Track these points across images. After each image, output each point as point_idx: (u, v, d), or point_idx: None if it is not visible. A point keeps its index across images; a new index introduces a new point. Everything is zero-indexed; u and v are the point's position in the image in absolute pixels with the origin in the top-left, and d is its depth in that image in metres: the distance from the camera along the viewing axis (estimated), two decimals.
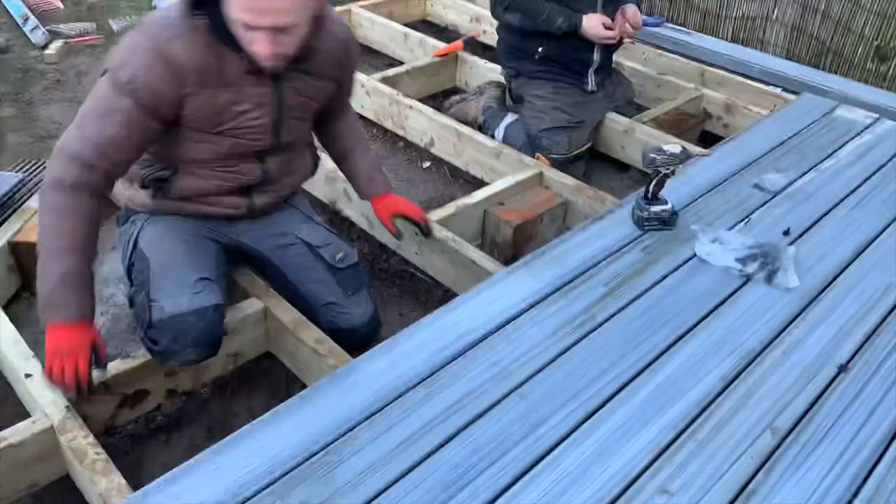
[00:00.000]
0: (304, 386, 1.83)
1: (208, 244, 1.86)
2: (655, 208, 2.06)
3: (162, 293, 1.68)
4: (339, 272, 1.95)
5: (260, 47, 1.54)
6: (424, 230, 2.15)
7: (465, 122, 3.01)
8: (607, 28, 2.72)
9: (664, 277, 1.91)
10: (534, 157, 2.77)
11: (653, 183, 2.03)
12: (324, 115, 1.98)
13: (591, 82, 2.86)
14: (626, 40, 2.97)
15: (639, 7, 2.86)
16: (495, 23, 3.84)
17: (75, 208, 1.58)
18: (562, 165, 2.72)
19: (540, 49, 2.80)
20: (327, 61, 1.80)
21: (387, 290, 2.35)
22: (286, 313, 1.93)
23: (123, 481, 1.49)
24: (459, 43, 3.54)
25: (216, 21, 1.55)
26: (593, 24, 2.70)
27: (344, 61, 1.88)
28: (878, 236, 2.09)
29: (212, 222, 1.89)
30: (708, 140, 3.11)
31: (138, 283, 1.75)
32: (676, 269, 1.94)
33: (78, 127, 1.60)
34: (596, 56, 2.80)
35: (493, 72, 3.31)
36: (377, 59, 3.86)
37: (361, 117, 3.25)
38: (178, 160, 1.76)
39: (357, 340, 1.90)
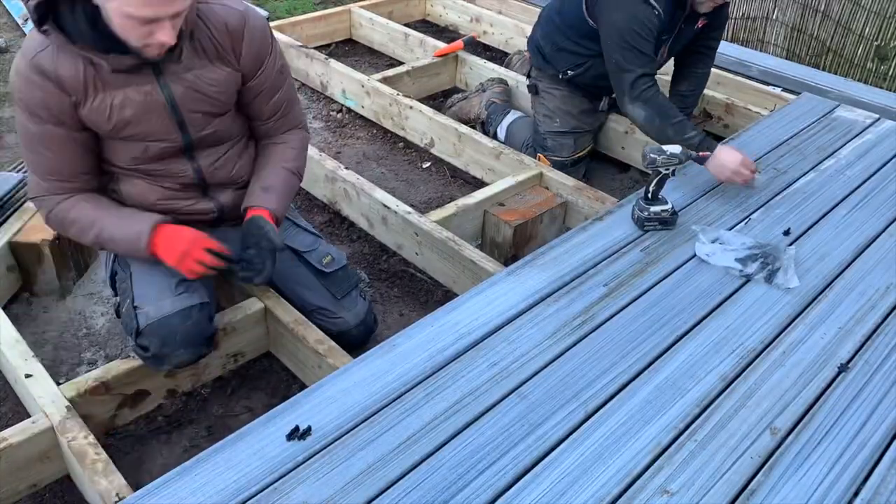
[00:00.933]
0: (303, 386, 1.83)
1: None
2: (655, 208, 2.06)
3: (146, 299, 1.68)
4: (327, 276, 1.94)
5: (163, 36, 1.48)
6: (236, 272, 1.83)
7: (467, 120, 3.01)
8: (748, 169, 2.17)
9: (664, 278, 1.91)
10: (535, 156, 2.77)
11: (653, 183, 2.03)
12: (252, 118, 1.86)
13: (603, 104, 2.84)
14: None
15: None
16: (495, 23, 3.88)
17: (84, 205, 1.67)
18: (563, 168, 2.72)
19: (569, 72, 2.68)
20: (213, 46, 1.67)
21: (387, 290, 2.35)
22: (286, 313, 1.93)
23: (123, 481, 1.49)
24: (460, 43, 3.54)
25: (69, 29, 1.50)
26: (730, 159, 2.15)
27: (239, 47, 1.71)
28: (878, 236, 2.10)
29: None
30: None
31: (122, 292, 1.76)
32: (676, 269, 1.94)
33: (28, 165, 1.67)
34: (603, 104, 2.78)
35: (493, 72, 3.31)
36: (377, 59, 3.87)
37: (361, 117, 3.26)
38: (112, 167, 1.75)
39: (352, 341, 1.90)
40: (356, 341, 1.92)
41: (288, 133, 1.92)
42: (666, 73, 2.80)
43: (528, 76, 2.91)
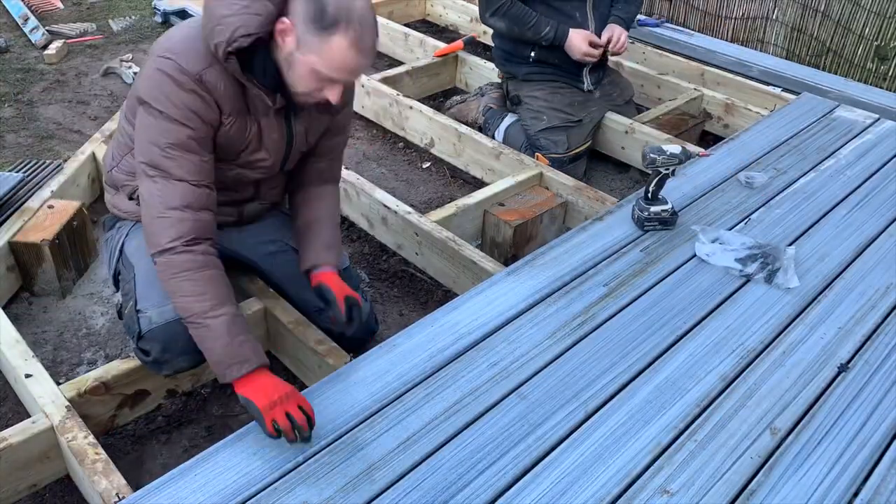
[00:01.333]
0: (304, 386, 1.83)
1: None
2: (655, 208, 2.06)
3: (149, 302, 1.66)
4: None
5: (332, 95, 1.52)
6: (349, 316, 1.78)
7: (466, 123, 3.01)
8: (593, 45, 2.69)
9: (664, 278, 1.91)
10: (534, 157, 2.77)
11: (653, 183, 2.03)
12: (310, 154, 1.86)
13: (587, 82, 2.86)
14: (610, 57, 2.95)
15: (635, 14, 2.85)
16: None
17: (206, 263, 1.52)
18: (561, 165, 2.72)
19: (532, 53, 2.80)
20: None
21: (387, 290, 2.35)
22: (286, 313, 1.93)
23: (123, 481, 1.49)
24: (460, 43, 3.54)
25: (255, 64, 1.53)
26: (577, 41, 2.68)
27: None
28: (878, 236, 2.10)
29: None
30: (708, 140, 3.12)
31: (125, 293, 1.74)
32: (676, 269, 1.94)
33: (153, 178, 1.53)
34: (588, 82, 2.81)
35: (493, 72, 3.31)
36: (377, 59, 3.86)
37: (361, 117, 3.26)
38: None
39: (353, 343, 1.89)
40: (357, 343, 1.92)
41: (328, 186, 1.90)
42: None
43: (507, 92, 2.98)
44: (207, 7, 1.51)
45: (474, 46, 3.78)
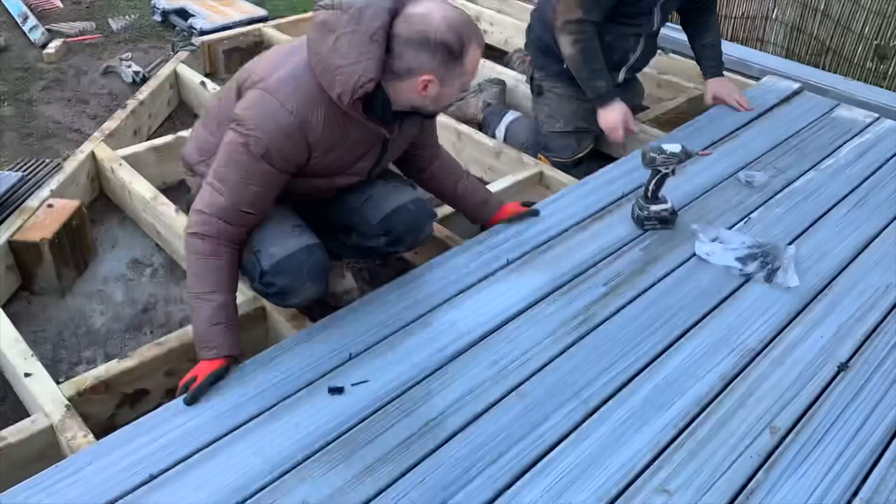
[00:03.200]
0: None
1: (288, 209, 1.86)
2: (655, 208, 2.06)
3: (266, 242, 1.71)
4: (387, 174, 1.97)
5: (473, 77, 1.66)
6: (535, 213, 2.16)
7: (464, 120, 3.01)
8: (626, 129, 2.56)
9: (664, 277, 1.91)
10: (536, 156, 2.76)
11: (652, 182, 2.03)
12: (413, 157, 1.99)
13: (620, 76, 2.81)
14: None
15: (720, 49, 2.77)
16: (495, 22, 3.87)
17: (216, 255, 1.64)
18: (563, 168, 2.71)
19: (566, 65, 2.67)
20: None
21: None
22: (286, 312, 1.92)
23: None
24: None
25: (373, 105, 1.60)
26: (613, 117, 2.54)
27: None
28: (877, 235, 2.10)
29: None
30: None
31: (245, 249, 1.76)
32: (676, 268, 1.94)
33: (217, 190, 1.63)
34: (621, 76, 2.76)
35: (493, 71, 3.30)
36: None
37: None
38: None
39: (408, 223, 1.87)
40: (411, 225, 1.88)
41: (441, 160, 2.05)
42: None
43: (531, 79, 2.88)
44: (319, 56, 1.56)
45: None
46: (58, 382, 1.69)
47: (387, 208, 1.85)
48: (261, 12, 4.02)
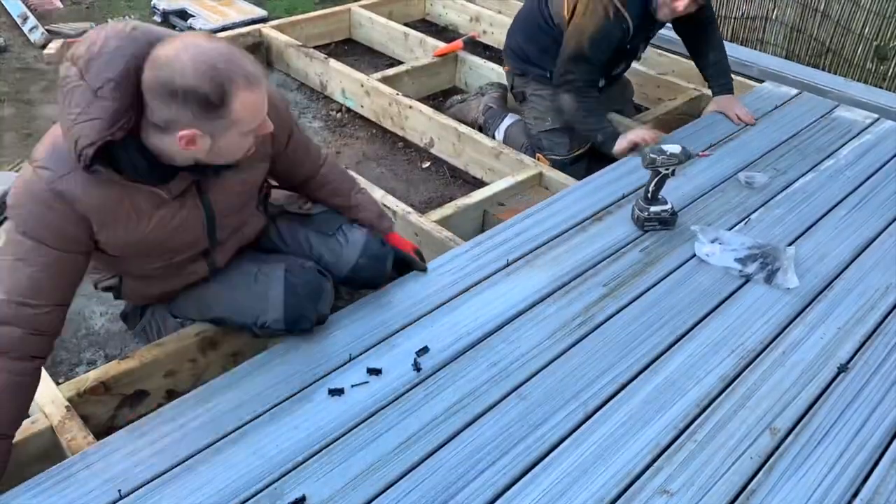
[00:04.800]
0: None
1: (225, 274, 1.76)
2: (655, 208, 2.06)
3: (248, 314, 1.67)
4: (311, 218, 1.83)
5: (264, 130, 1.43)
6: (421, 267, 1.94)
7: (465, 123, 3.01)
8: (633, 144, 2.52)
9: (664, 278, 1.91)
10: (535, 157, 2.76)
11: (652, 183, 2.03)
12: (292, 177, 1.80)
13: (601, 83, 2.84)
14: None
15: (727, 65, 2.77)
16: (495, 23, 3.87)
17: (20, 380, 1.43)
18: (563, 166, 2.72)
19: (549, 75, 2.68)
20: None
21: None
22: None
23: None
24: (459, 43, 3.54)
25: (124, 166, 1.39)
26: (621, 146, 2.52)
27: (269, 137, 1.55)
28: (877, 236, 2.10)
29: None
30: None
31: (241, 326, 1.72)
32: (676, 269, 1.94)
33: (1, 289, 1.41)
34: (602, 82, 2.77)
35: (493, 72, 3.31)
36: (377, 59, 3.86)
37: (361, 117, 3.26)
38: (120, 272, 1.70)
39: (367, 278, 1.81)
40: (371, 276, 1.80)
41: (324, 173, 1.84)
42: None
43: (512, 87, 2.92)
44: (59, 116, 1.36)
45: (474, 46, 3.77)
46: (58, 383, 1.69)
47: (342, 271, 1.77)
48: (260, 13, 4.02)
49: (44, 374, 1.71)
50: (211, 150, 1.38)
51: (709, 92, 3.19)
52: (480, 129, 3.00)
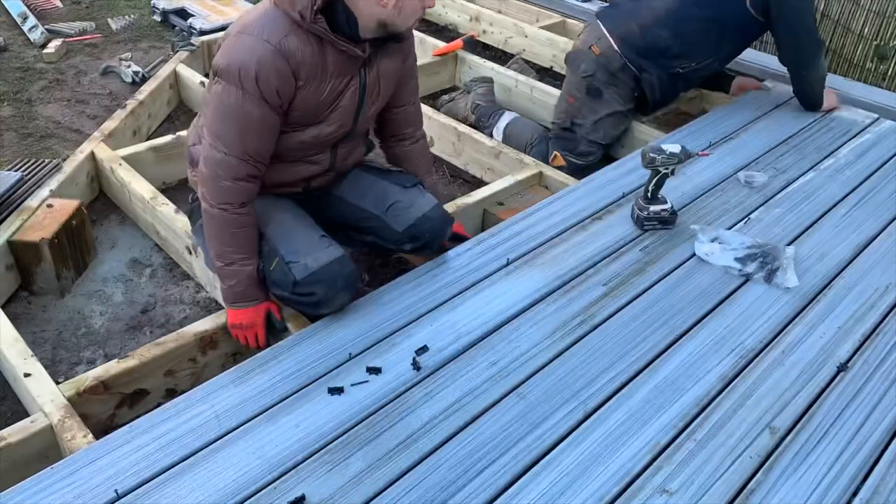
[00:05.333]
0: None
1: (302, 211, 1.92)
2: (655, 208, 2.06)
3: (297, 254, 1.75)
4: (391, 173, 2.02)
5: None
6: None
7: (456, 121, 3.01)
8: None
9: (663, 277, 1.91)
10: (540, 156, 2.75)
11: (652, 182, 2.03)
12: (393, 121, 2.02)
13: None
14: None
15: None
16: (495, 22, 3.87)
17: (247, 222, 1.75)
18: (575, 170, 2.70)
19: (693, 64, 2.66)
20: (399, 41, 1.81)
21: None
22: (284, 311, 1.92)
23: None
24: (459, 42, 3.54)
25: (338, 21, 1.65)
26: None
27: (405, 44, 1.87)
28: (877, 236, 2.10)
29: (296, 200, 1.95)
30: None
31: (266, 253, 1.80)
32: (676, 268, 1.94)
33: (217, 150, 1.68)
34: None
35: (492, 71, 3.30)
36: None
37: None
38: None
39: (435, 230, 1.94)
40: (435, 230, 1.95)
41: (417, 132, 2.08)
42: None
43: (592, 75, 2.71)
44: None
45: (473, 45, 3.77)
46: (57, 383, 1.69)
47: (411, 217, 1.91)
48: None
49: (43, 373, 1.72)
50: (397, 4, 1.63)
51: (710, 92, 3.20)
52: (471, 127, 3.00)
